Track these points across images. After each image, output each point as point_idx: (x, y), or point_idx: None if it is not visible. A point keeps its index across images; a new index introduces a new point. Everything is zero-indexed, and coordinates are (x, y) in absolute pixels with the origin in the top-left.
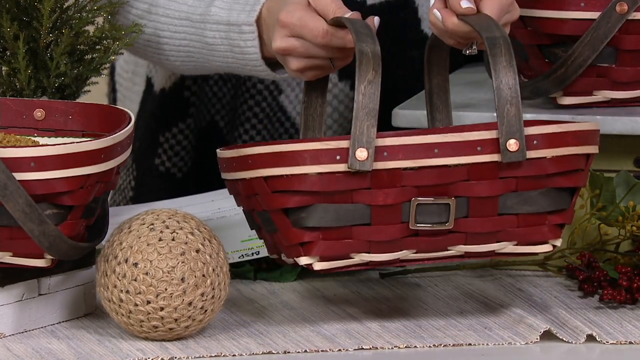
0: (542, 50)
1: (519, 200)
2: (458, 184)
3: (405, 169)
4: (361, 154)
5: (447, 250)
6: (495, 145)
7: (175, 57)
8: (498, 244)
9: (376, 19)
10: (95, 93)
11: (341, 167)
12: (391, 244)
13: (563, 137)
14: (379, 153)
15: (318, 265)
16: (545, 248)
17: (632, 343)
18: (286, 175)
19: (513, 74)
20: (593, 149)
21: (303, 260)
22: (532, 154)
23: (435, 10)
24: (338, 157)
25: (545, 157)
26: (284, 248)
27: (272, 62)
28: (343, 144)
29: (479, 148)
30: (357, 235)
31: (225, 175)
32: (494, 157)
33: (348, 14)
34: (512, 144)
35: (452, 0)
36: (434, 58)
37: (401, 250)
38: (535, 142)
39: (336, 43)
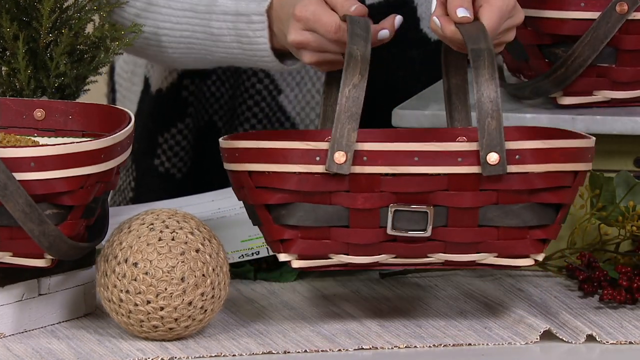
0: (542, 50)
1: (499, 213)
2: (437, 193)
3: (384, 174)
4: (339, 157)
5: (427, 257)
6: (476, 157)
7: (174, 49)
8: (478, 254)
9: (398, 18)
10: (94, 93)
11: (320, 168)
12: (369, 248)
13: (548, 154)
14: (358, 157)
15: (296, 263)
16: (527, 262)
17: (632, 343)
18: (268, 172)
19: (495, 87)
20: (583, 167)
21: (282, 257)
22: (513, 169)
23: (435, 18)
24: (317, 158)
25: (527, 173)
26: (267, 242)
27: (280, 53)
28: (323, 145)
29: (459, 159)
30: (335, 237)
31: (224, 166)
32: (475, 169)
33: (354, 7)
34: (493, 158)
35: (450, 8)
36: (452, 58)
37: (380, 254)
38: (517, 156)
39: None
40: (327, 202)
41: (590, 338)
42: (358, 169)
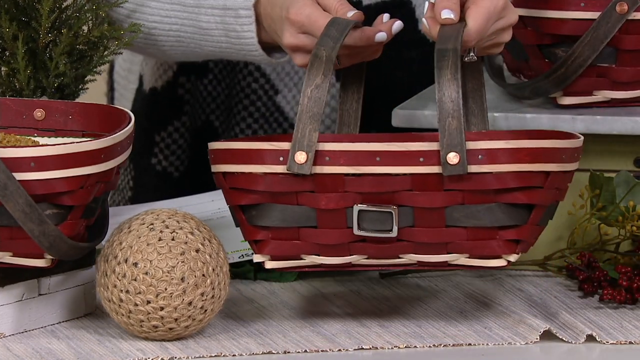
0: (542, 50)
1: (465, 213)
2: (402, 193)
3: (347, 174)
4: (300, 157)
5: (399, 257)
6: (437, 157)
7: (164, 42)
8: (449, 255)
9: (397, 23)
10: (94, 92)
11: (283, 169)
12: (339, 248)
13: (513, 154)
14: (320, 157)
15: (269, 264)
16: (499, 262)
17: (632, 343)
18: (237, 172)
19: (456, 87)
20: (555, 167)
21: (256, 258)
22: (475, 169)
23: (424, 19)
24: (281, 159)
25: (491, 173)
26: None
27: (268, 47)
28: (285, 145)
29: (421, 159)
30: (305, 237)
31: None
32: (437, 169)
33: (351, 12)
34: (452, 157)
35: (436, 9)
36: (467, 62)
37: (351, 255)
38: (480, 156)
39: (344, 41)
40: (294, 202)
41: (590, 338)
42: (320, 169)
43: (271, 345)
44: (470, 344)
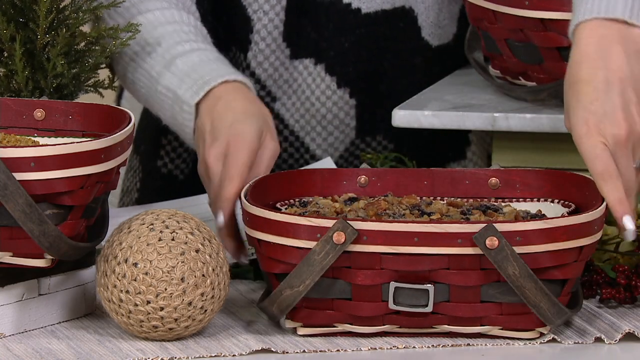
0: (561, 52)
1: (500, 290)
2: (438, 271)
3: (384, 253)
4: (339, 237)
5: (432, 328)
6: None
7: (139, 96)
8: (482, 327)
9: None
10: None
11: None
12: (373, 320)
13: (550, 233)
14: (358, 237)
15: (302, 331)
16: (532, 335)
17: (633, 342)
18: (273, 243)
19: None
20: (589, 240)
21: (287, 324)
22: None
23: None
24: (318, 235)
25: (527, 253)
26: None
27: None
28: (324, 222)
29: (459, 240)
30: (339, 308)
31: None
32: (475, 250)
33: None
34: (491, 242)
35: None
36: None
37: (384, 325)
38: (518, 238)
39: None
40: (329, 275)
41: (592, 338)
42: (359, 248)
43: (271, 345)
44: (470, 344)
